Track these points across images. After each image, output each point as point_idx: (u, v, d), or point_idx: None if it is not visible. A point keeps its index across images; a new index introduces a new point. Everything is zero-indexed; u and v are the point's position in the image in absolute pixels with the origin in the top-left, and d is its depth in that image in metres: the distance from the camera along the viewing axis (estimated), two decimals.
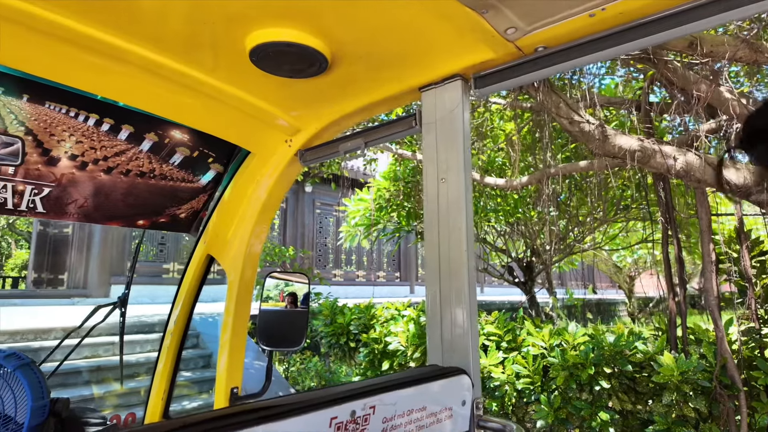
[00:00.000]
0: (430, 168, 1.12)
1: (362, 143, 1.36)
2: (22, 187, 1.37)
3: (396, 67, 1.16)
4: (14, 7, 0.90)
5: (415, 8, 0.94)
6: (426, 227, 1.10)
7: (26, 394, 1.28)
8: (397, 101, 1.33)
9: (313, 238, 14.68)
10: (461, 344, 0.99)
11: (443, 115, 1.13)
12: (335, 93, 1.30)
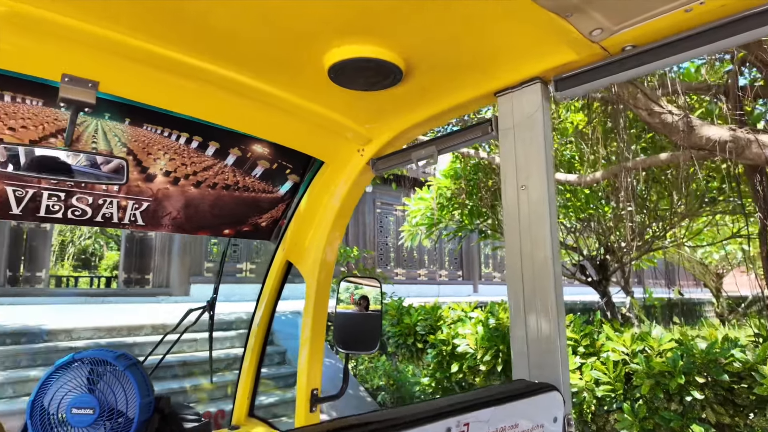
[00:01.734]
0: (510, 175, 1.10)
1: (435, 151, 1.36)
2: (125, 203, 1.50)
3: (470, 73, 1.15)
4: (118, 40, 0.99)
5: (492, 14, 0.93)
6: (507, 236, 1.08)
7: (135, 391, 1.41)
8: (470, 107, 1.31)
9: (374, 238, 14.85)
10: (550, 359, 0.96)
11: (522, 119, 1.10)
12: (408, 102, 1.30)
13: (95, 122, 1.33)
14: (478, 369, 4.66)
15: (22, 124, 1.23)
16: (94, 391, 1.40)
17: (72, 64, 1.06)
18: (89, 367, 1.43)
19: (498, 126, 1.15)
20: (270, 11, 0.92)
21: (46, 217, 1.38)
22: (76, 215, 1.43)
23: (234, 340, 6.89)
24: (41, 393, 1.39)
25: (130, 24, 0.95)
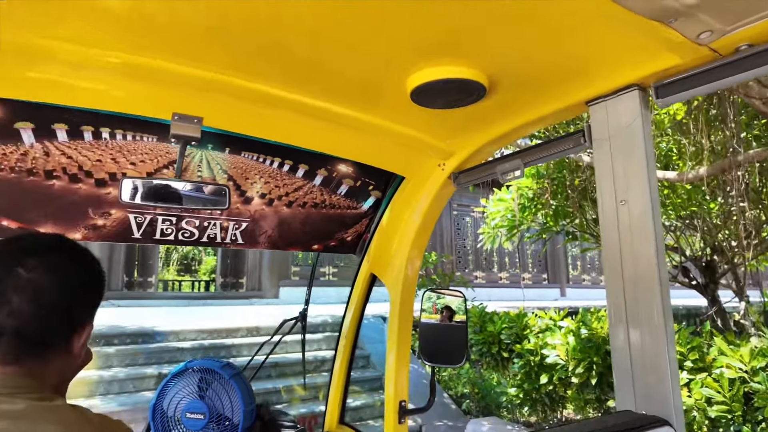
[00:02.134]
0: (606, 188, 1.03)
1: (521, 164, 1.32)
2: (226, 224, 1.64)
3: (559, 84, 1.11)
4: (218, 80, 1.08)
5: (582, 25, 0.88)
6: (605, 255, 1.02)
7: (239, 399, 1.52)
8: (558, 117, 1.26)
9: (452, 241, 14.66)
10: (659, 389, 0.88)
11: (618, 129, 1.03)
12: (491, 116, 1.28)
13: (200, 153, 1.46)
14: (570, 381, 4.41)
15: (141, 159, 1.39)
16: (204, 398, 1.54)
17: (180, 103, 1.18)
18: (199, 375, 1.56)
19: (591, 136, 1.09)
20: (355, 43, 0.95)
21: (161, 240, 1.54)
22: (186, 237, 1.58)
23: (321, 343, 7.17)
24: (161, 397, 1.55)
25: (228, 65, 1.04)
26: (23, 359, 0.77)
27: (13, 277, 0.76)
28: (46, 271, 0.79)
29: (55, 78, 1.05)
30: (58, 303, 0.80)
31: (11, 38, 0.90)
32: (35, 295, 0.77)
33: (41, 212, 1.34)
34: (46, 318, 0.78)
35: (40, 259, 0.79)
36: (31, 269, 0.78)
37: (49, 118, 1.23)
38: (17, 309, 0.75)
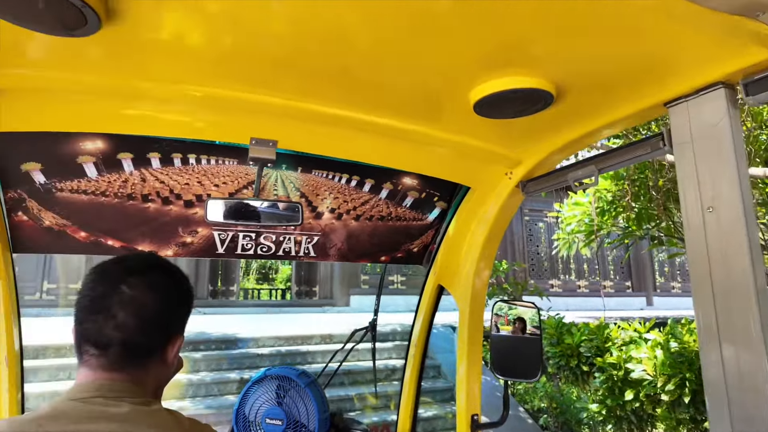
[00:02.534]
0: (691, 195, 0.96)
1: (595, 171, 1.26)
2: (299, 238, 1.72)
3: (633, 85, 1.05)
4: (291, 105, 1.15)
5: (657, 25, 0.83)
6: (692, 266, 0.94)
7: (314, 407, 1.59)
8: (633, 121, 1.19)
9: (524, 248, 14.13)
10: (760, 413, 0.80)
11: (702, 131, 0.96)
12: (560, 122, 1.24)
13: (275, 173, 1.56)
14: (659, 399, 4.07)
15: (223, 181, 1.51)
16: (282, 404, 1.62)
17: (256, 129, 1.27)
18: (277, 383, 1.65)
19: (672, 140, 1.02)
20: (416, 62, 0.97)
21: (242, 254, 1.66)
22: (264, 251, 1.68)
23: (391, 351, 7.22)
24: (243, 402, 1.66)
25: (298, 91, 1.11)
26: (127, 367, 0.86)
27: (119, 294, 0.86)
28: (146, 288, 0.88)
29: (147, 113, 1.18)
30: (156, 317, 0.89)
31: (111, 82, 1.02)
32: (137, 310, 0.86)
33: (139, 232, 1.50)
34: (146, 330, 0.87)
35: (140, 278, 0.88)
36: (133, 287, 0.87)
37: (145, 148, 1.38)
38: (122, 322, 0.85)
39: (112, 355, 0.85)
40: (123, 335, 0.85)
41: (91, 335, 0.84)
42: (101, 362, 0.85)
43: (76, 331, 0.86)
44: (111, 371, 0.85)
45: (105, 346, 0.84)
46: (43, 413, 0.78)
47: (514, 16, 0.82)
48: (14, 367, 1.44)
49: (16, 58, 0.93)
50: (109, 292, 0.86)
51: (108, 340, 0.84)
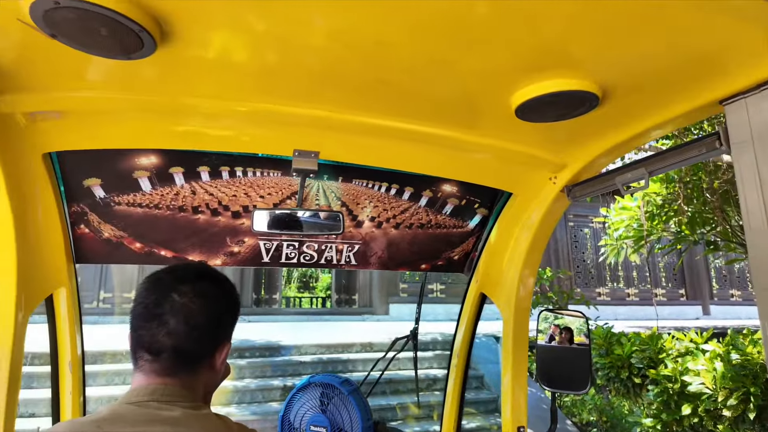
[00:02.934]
0: (752, 197, 0.90)
1: (645, 174, 1.21)
2: (341, 247, 1.74)
3: (684, 84, 1.00)
4: (332, 117, 1.17)
5: (708, 18, 0.80)
6: (755, 275, 0.88)
7: (357, 415, 1.59)
8: (685, 120, 1.14)
9: (569, 255, 13.67)
10: None
11: (764, 129, 0.90)
12: (606, 124, 1.20)
13: (317, 183, 1.59)
14: (720, 414, 3.81)
15: (268, 192, 1.55)
16: (326, 412, 1.63)
17: (299, 141, 1.31)
18: (321, 390, 1.67)
19: (729, 139, 0.97)
20: (456, 70, 0.97)
21: (286, 263, 1.70)
22: (306, 259, 1.72)
23: (432, 361, 7.14)
24: (288, 409, 1.69)
25: (339, 103, 1.13)
26: (178, 373, 0.90)
27: (170, 302, 0.89)
28: (195, 296, 0.91)
29: (196, 129, 1.23)
30: (205, 324, 0.92)
31: (163, 101, 1.08)
32: (187, 318, 0.89)
33: (190, 243, 1.56)
34: (195, 337, 0.90)
35: (190, 286, 0.91)
36: (183, 295, 0.90)
37: (195, 162, 1.44)
38: (174, 329, 0.88)
39: (164, 361, 0.88)
40: (174, 342, 0.88)
41: (145, 342, 0.88)
42: (154, 368, 0.88)
43: (132, 337, 0.91)
44: (163, 376, 0.88)
45: (158, 352, 0.88)
46: (102, 416, 0.82)
47: (555, 16, 0.81)
48: (77, 371, 1.53)
49: (78, 81, 1.00)
50: (161, 301, 0.89)
51: (160, 346, 0.88)
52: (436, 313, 11.43)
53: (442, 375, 6.69)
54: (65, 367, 1.50)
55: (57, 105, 1.07)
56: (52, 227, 1.35)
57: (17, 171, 1.15)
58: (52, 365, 1.51)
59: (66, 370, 1.50)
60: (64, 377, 1.50)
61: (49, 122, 1.13)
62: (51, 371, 1.51)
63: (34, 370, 5.53)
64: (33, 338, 1.26)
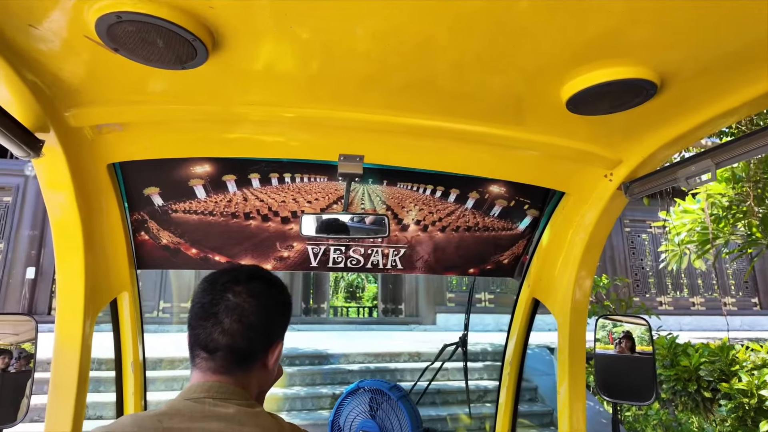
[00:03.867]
0: None
1: (712, 165, 1.12)
2: (387, 251, 1.74)
3: (753, 68, 0.93)
4: (377, 120, 1.17)
5: None
6: None
7: (407, 421, 1.57)
8: (753, 108, 1.05)
9: (625, 262, 12.99)
10: None
11: None
12: (665, 115, 1.13)
13: (362, 188, 1.60)
14: None
15: (315, 197, 1.58)
16: (375, 417, 1.62)
17: (344, 145, 1.32)
18: (370, 395, 1.66)
19: None
20: (501, 64, 0.95)
21: (333, 267, 1.71)
22: (353, 264, 1.73)
23: (482, 372, 6.97)
24: (338, 414, 1.69)
25: (384, 105, 1.13)
26: (233, 371, 0.91)
27: (225, 301, 0.91)
28: (249, 296, 0.92)
29: (246, 136, 1.27)
30: (258, 323, 0.93)
31: (214, 110, 1.13)
32: (241, 317, 0.90)
33: (242, 248, 1.61)
34: (249, 336, 0.92)
35: (244, 287, 0.93)
36: (237, 294, 0.92)
37: (246, 169, 1.49)
38: (228, 328, 0.90)
39: (219, 359, 0.90)
40: (229, 340, 0.90)
41: (202, 340, 0.91)
42: (210, 365, 0.91)
43: (190, 336, 0.94)
44: (219, 374, 0.90)
45: (213, 350, 0.90)
46: (161, 410, 0.85)
47: (604, 3, 0.77)
48: (138, 373, 1.60)
49: (138, 94, 1.06)
50: (216, 300, 0.92)
51: (216, 344, 0.90)
52: (485, 323, 11.17)
53: (493, 386, 6.50)
54: (128, 366, 1.58)
55: (119, 117, 1.14)
56: (116, 234, 1.43)
57: (85, 182, 1.23)
58: (116, 365, 1.60)
59: (129, 369, 1.58)
60: (128, 376, 1.57)
61: (112, 134, 1.20)
62: (115, 370, 1.59)
63: (101, 374, 5.87)
64: (99, 344, 1.34)
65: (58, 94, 1.01)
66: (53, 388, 1.25)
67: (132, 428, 0.82)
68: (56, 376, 1.25)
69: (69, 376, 1.25)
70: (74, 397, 1.25)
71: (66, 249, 1.26)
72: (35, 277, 9.29)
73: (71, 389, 1.25)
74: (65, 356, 1.25)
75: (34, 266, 9.37)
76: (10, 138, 0.95)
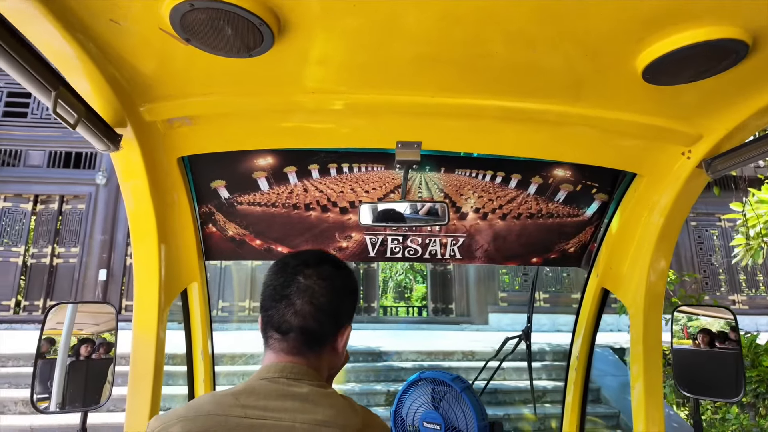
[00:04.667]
0: None
1: None
2: (445, 240, 1.71)
3: None
4: (436, 102, 1.14)
5: None
6: None
7: (472, 413, 1.53)
8: None
9: (692, 258, 12.15)
10: None
11: None
12: (756, 80, 1.03)
13: (419, 176, 1.58)
14: None
15: (373, 187, 1.58)
16: (438, 409, 1.59)
17: (401, 131, 1.30)
18: (432, 386, 1.64)
19: None
20: (567, 34, 0.89)
21: (391, 257, 1.70)
22: (410, 254, 1.71)
23: (541, 372, 6.76)
24: (400, 405, 1.68)
25: (439, 86, 1.10)
26: (305, 352, 0.93)
27: (296, 283, 0.92)
28: (319, 278, 0.94)
29: (300, 125, 1.28)
30: (328, 305, 0.93)
31: (276, 99, 1.14)
32: (311, 298, 0.92)
33: (303, 239, 1.64)
34: (319, 317, 0.93)
35: (314, 270, 0.94)
36: (308, 277, 0.93)
37: (306, 161, 1.51)
38: (300, 310, 0.91)
39: (291, 341, 0.92)
40: (300, 322, 0.91)
41: (274, 321, 0.93)
42: (283, 346, 0.92)
43: (262, 318, 0.96)
44: (291, 355, 0.92)
45: (286, 332, 0.92)
46: (238, 389, 0.87)
47: None
48: (208, 358, 1.67)
49: (206, 86, 1.10)
50: (288, 282, 0.93)
51: (288, 326, 0.92)
52: (540, 324, 10.81)
53: (553, 386, 6.28)
54: (198, 355, 1.64)
55: (189, 111, 1.18)
56: (186, 227, 1.50)
57: (158, 175, 1.29)
58: (188, 353, 1.67)
59: (199, 357, 1.64)
60: (198, 364, 1.64)
61: (182, 128, 1.25)
62: (186, 359, 1.66)
63: (170, 369, 6.21)
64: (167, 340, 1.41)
65: (136, 89, 1.06)
66: (133, 374, 1.32)
67: (210, 405, 0.84)
68: (135, 363, 1.32)
69: (146, 362, 1.32)
70: (152, 382, 1.31)
71: (142, 240, 1.32)
72: (107, 279, 9.96)
73: (149, 376, 1.32)
74: (143, 344, 1.32)
75: (105, 268, 10.05)
76: (93, 132, 1.01)
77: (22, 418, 5.58)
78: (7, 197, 10.15)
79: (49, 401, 1.42)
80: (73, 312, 1.49)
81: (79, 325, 1.52)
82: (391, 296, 23.28)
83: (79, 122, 0.93)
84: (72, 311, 1.49)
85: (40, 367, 1.41)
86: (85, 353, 1.52)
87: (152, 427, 0.84)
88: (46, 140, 10.38)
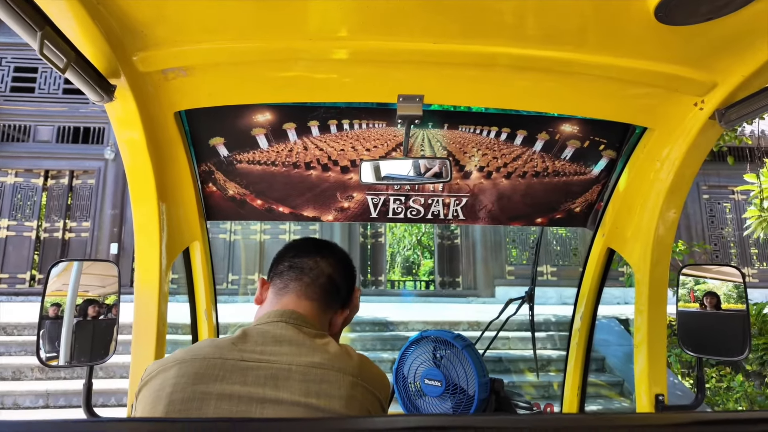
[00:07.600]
0: None
1: None
2: (448, 200, 1.68)
3: None
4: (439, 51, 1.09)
5: None
6: None
7: (473, 370, 1.53)
8: None
9: (703, 231, 12.02)
10: None
11: None
12: None
13: (422, 132, 1.54)
14: None
15: (374, 144, 1.54)
16: (440, 366, 1.60)
17: (403, 83, 1.26)
18: (433, 344, 1.64)
19: None
20: None
21: (393, 218, 1.68)
22: (413, 214, 1.69)
23: (545, 342, 6.82)
24: (401, 362, 1.69)
25: (446, 32, 1.05)
26: (308, 300, 0.99)
27: (305, 253, 1.06)
28: (331, 254, 1.09)
29: (299, 74, 1.24)
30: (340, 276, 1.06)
31: (269, 47, 1.10)
32: (330, 269, 1.04)
33: (304, 199, 1.62)
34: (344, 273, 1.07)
35: (328, 249, 1.10)
36: (325, 253, 1.08)
37: (305, 117, 1.48)
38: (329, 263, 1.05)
39: (316, 286, 1.00)
40: (331, 271, 1.04)
41: (306, 266, 1.02)
42: (301, 287, 0.99)
43: (279, 265, 1.05)
44: (293, 302, 0.96)
45: (316, 277, 1.01)
46: (236, 336, 0.88)
47: None
48: (211, 317, 1.68)
49: (202, 33, 1.06)
50: (298, 253, 1.06)
51: (288, 278, 1.00)
52: (547, 297, 10.86)
53: (557, 356, 6.34)
54: (202, 314, 1.66)
55: (184, 60, 1.15)
56: (186, 185, 1.48)
57: (155, 129, 1.27)
58: (191, 313, 1.68)
59: (203, 317, 1.66)
60: (202, 323, 1.66)
61: (178, 80, 1.22)
62: (190, 318, 1.68)
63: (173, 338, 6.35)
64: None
65: (127, 34, 1.03)
66: (136, 334, 1.34)
67: (209, 349, 0.85)
68: (138, 325, 1.34)
69: (149, 316, 1.33)
70: (155, 342, 1.33)
71: (141, 197, 1.31)
72: (118, 252, 10.12)
73: (151, 328, 1.33)
74: (145, 304, 1.33)
75: (116, 242, 10.20)
76: (86, 81, 0.99)
77: (39, 384, 5.77)
78: (18, 172, 10.25)
79: (58, 358, 1.47)
80: (78, 270, 1.50)
81: (84, 286, 1.54)
82: (399, 271, 23.45)
83: (68, 67, 0.91)
84: (77, 269, 1.50)
85: (47, 327, 1.44)
86: (93, 314, 1.54)
87: (150, 371, 0.85)
88: (55, 115, 10.40)
